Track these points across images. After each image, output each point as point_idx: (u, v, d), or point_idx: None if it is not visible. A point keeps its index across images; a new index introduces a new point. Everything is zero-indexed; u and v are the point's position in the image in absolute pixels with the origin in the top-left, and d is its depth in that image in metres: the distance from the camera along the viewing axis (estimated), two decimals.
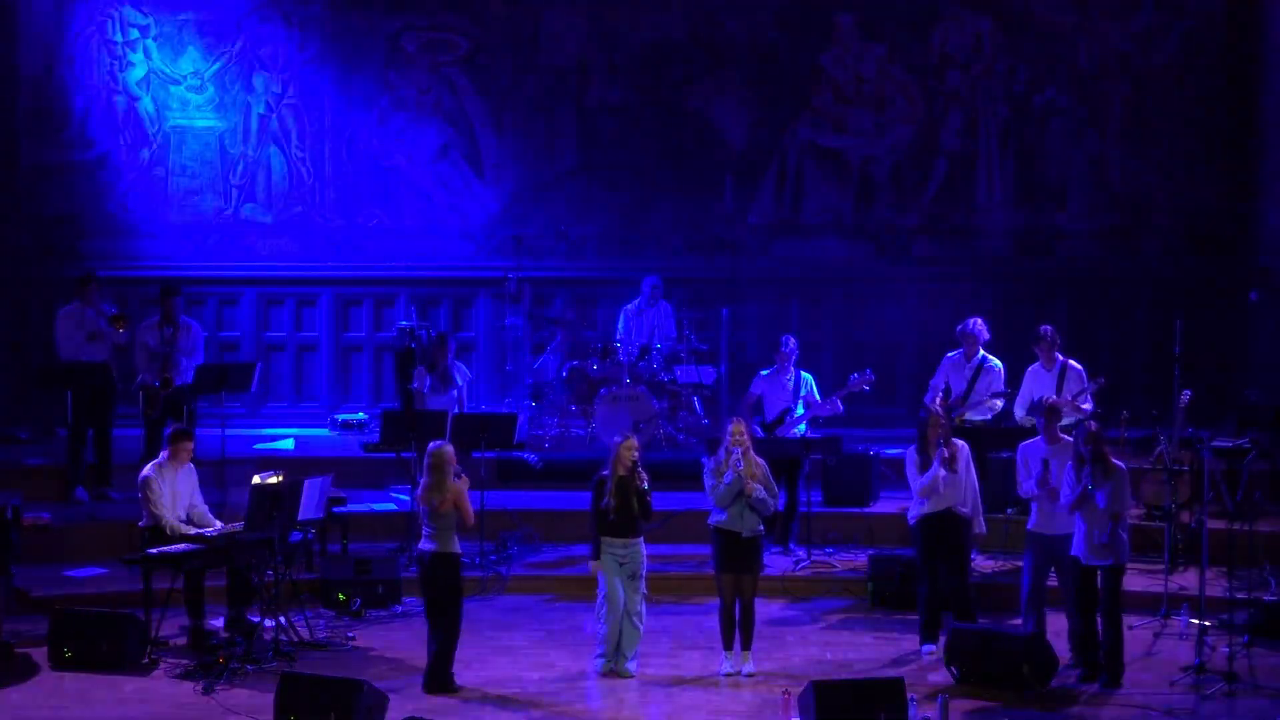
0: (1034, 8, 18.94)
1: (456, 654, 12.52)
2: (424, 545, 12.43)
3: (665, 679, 12.60)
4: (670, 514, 15.41)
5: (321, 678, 11.49)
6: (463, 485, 12.40)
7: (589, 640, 13.06)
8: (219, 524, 13.51)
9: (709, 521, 12.83)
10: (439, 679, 12.31)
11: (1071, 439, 12.61)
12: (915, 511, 13.18)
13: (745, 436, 12.74)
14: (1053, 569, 12.80)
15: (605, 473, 12.74)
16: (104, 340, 16.20)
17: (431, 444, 12.62)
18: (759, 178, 19.17)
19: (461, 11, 19.07)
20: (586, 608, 13.41)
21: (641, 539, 12.80)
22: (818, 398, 15.48)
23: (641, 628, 12.81)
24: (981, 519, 13.36)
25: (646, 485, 12.66)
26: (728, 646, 12.77)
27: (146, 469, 13.44)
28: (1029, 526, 12.91)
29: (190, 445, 13.60)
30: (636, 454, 12.70)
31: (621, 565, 12.67)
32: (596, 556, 12.70)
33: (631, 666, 12.70)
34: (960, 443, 13.21)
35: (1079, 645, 12.53)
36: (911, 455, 13.17)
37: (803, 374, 15.53)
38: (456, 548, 12.45)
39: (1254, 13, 18.68)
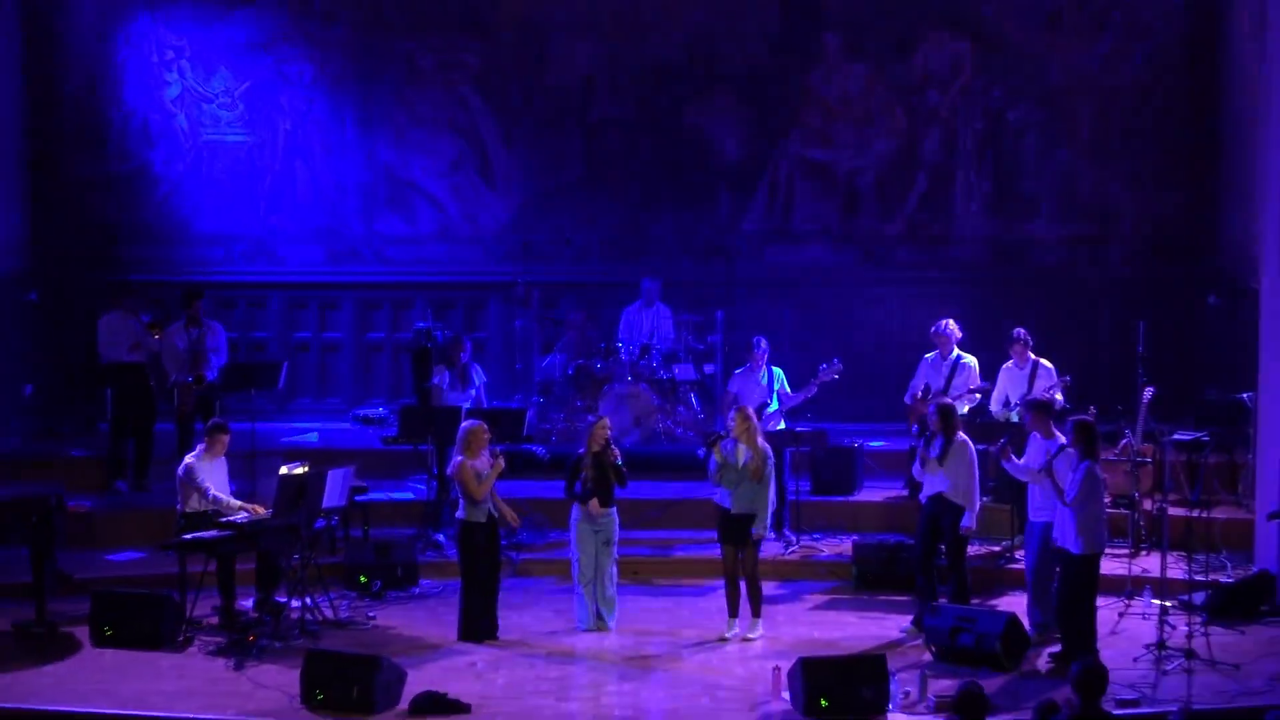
0: (1008, 31, 19.16)
1: (471, 632, 13.35)
2: (480, 516, 13.28)
3: (663, 655, 12.90)
4: (668, 503, 15.88)
5: (344, 654, 11.78)
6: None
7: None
8: (244, 513, 13.59)
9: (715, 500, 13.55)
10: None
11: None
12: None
13: (746, 424, 13.28)
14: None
15: (581, 451, 13.48)
16: (144, 349, 16.51)
17: (467, 423, 13.53)
18: (752, 188, 19.50)
19: (474, 34, 19.32)
20: None
21: (614, 509, 13.50)
22: (788, 390, 15.76)
23: (614, 588, 13.50)
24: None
25: (620, 460, 13.40)
26: (731, 614, 13.40)
27: (188, 458, 13.68)
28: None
29: (226, 438, 13.78)
30: (609, 431, 13.44)
31: (597, 533, 13.43)
32: (586, 500, 13.41)
33: (610, 623, 13.43)
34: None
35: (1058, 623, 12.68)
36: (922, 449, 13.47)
37: (774, 370, 15.82)
38: None
39: (1213, 34, 18.81)
